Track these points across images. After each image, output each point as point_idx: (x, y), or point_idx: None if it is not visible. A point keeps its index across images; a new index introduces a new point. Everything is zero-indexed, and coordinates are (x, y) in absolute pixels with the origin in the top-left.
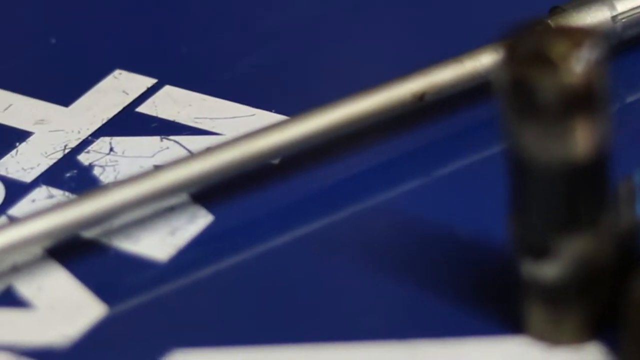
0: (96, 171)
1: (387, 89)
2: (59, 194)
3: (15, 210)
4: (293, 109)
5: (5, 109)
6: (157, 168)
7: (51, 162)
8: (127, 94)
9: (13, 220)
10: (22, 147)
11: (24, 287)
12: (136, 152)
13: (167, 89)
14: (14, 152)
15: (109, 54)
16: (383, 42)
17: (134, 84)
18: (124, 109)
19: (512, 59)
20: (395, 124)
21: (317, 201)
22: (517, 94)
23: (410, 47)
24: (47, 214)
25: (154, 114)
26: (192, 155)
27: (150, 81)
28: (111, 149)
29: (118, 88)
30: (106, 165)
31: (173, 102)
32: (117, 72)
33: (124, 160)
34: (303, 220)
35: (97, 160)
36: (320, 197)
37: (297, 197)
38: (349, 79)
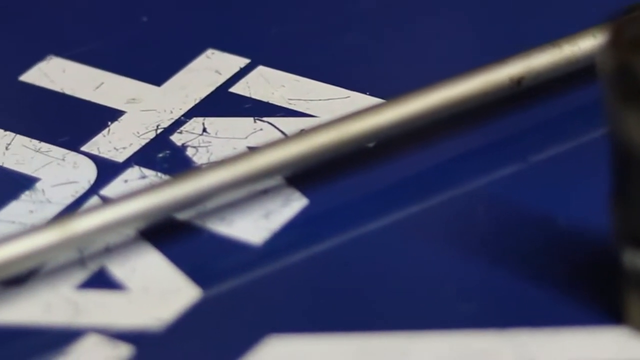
0: (189, 152)
1: (485, 73)
2: (151, 175)
3: (108, 190)
4: (388, 91)
5: (97, 87)
6: (251, 150)
7: (143, 142)
8: (220, 73)
9: (106, 201)
10: (114, 127)
11: (117, 269)
12: (229, 133)
13: (260, 69)
14: (105, 131)
15: (201, 33)
16: (481, 25)
17: (227, 63)
18: (217, 89)
19: (616, 44)
20: (492, 109)
21: (412, 185)
22: (621, 79)
23: (507, 31)
24: (140, 195)
25: (247, 94)
26: (286, 138)
27: (243, 61)
28: (204, 130)
29: (210, 68)
30: (199, 146)
31: (266, 83)
32: (209, 52)
33: (217, 141)
34: (398, 205)
35: (190, 140)
36: (416, 182)
37: (392, 181)
38: (445, 61)
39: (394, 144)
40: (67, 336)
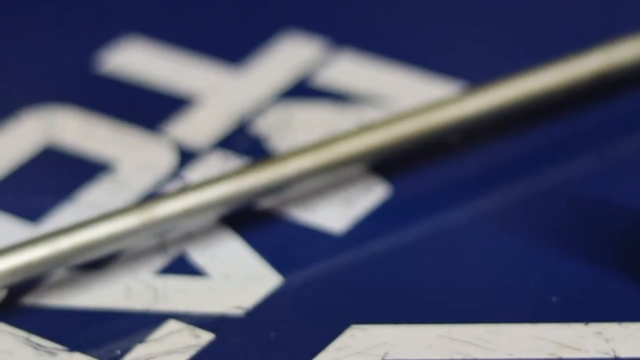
0: (272, 138)
1: (568, 66)
2: (232, 161)
3: (188, 176)
4: (475, 78)
5: (179, 71)
6: (335, 137)
7: (226, 128)
8: (304, 59)
9: (187, 187)
10: (197, 111)
11: (198, 255)
12: (311, 119)
13: (345, 55)
14: (188, 116)
15: (283, 17)
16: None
17: (310, 49)
18: (301, 75)
19: None
20: (574, 101)
21: (495, 176)
22: None
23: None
24: (222, 181)
25: (331, 81)
26: (370, 125)
27: (326, 47)
28: (287, 116)
29: (294, 53)
30: (282, 133)
31: (350, 69)
32: (293, 37)
33: (300, 128)
34: (481, 195)
35: (272, 127)
36: (500, 173)
37: (474, 171)
38: (536, 49)
39: (479, 134)
40: (147, 321)
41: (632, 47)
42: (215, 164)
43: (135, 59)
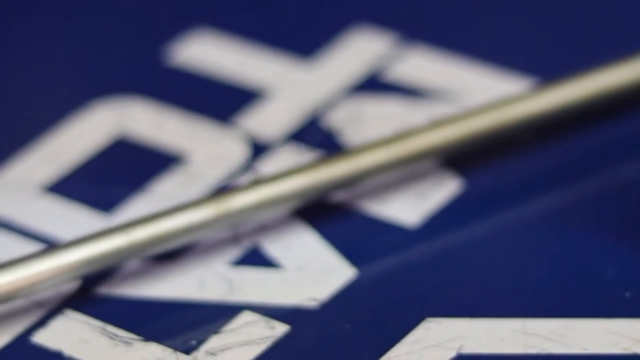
0: (344, 132)
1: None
2: (306, 154)
3: (261, 168)
4: (547, 74)
5: (251, 63)
6: (408, 131)
7: (298, 121)
8: (375, 53)
9: (262, 179)
10: (268, 104)
11: (272, 247)
12: (384, 114)
13: (416, 49)
14: (259, 108)
15: (355, 11)
16: None
17: (382, 43)
18: (372, 69)
19: None
20: None
21: (569, 172)
22: None
23: None
24: (297, 174)
25: (402, 75)
26: (444, 120)
27: (397, 41)
28: (359, 110)
29: (366, 47)
30: (354, 127)
31: (422, 64)
32: (365, 32)
33: (371, 122)
34: (555, 190)
35: (345, 120)
36: (572, 168)
37: (549, 166)
38: (610, 45)
39: (550, 130)
40: (221, 312)
41: None
42: (287, 157)
43: (207, 52)
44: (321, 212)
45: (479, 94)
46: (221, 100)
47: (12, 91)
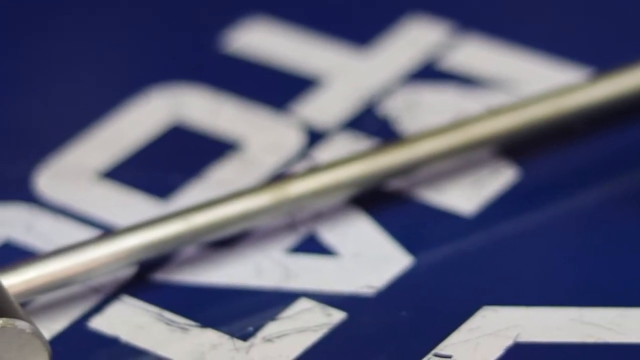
0: (399, 120)
1: None
2: (362, 142)
3: (318, 156)
4: (603, 64)
5: (306, 51)
6: (465, 120)
7: (354, 109)
8: (430, 42)
9: (319, 167)
10: (324, 92)
11: (328, 234)
12: (440, 102)
13: (472, 38)
14: (315, 96)
15: (411, 0)
16: None
17: (437, 32)
18: (427, 58)
19: None
20: None
21: (624, 162)
22: None
23: None
24: (354, 161)
25: (457, 64)
26: (500, 109)
27: (453, 30)
28: (414, 98)
29: (421, 36)
30: (410, 115)
31: (477, 53)
32: (420, 20)
33: (427, 111)
34: (611, 179)
35: (400, 109)
36: (628, 158)
37: (605, 156)
38: None
39: (605, 120)
40: (278, 299)
41: None
42: (343, 144)
43: (263, 39)
44: (377, 200)
45: (535, 84)
46: (277, 88)
47: (70, 78)
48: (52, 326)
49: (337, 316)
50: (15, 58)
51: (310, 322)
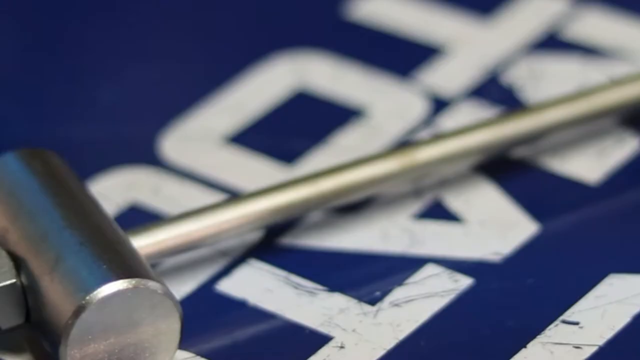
0: (523, 89)
1: None
2: (486, 110)
3: (443, 124)
4: None
5: (429, 20)
6: (590, 89)
7: (478, 77)
8: (553, 12)
9: (446, 134)
10: (448, 60)
11: (453, 201)
12: (563, 72)
13: (593, 8)
14: (439, 64)
15: None
16: None
17: (559, 2)
18: (550, 27)
19: None
20: None
21: None
22: None
23: None
24: (481, 128)
25: (580, 34)
26: (625, 78)
27: (572, 3)
28: (538, 68)
29: (544, 6)
30: (533, 84)
31: (599, 23)
32: None
33: (550, 80)
34: None
35: (524, 78)
36: None
37: None
38: None
39: None
40: (404, 265)
41: None
42: (468, 112)
43: (388, 7)
44: (503, 167)
45: None
46: (401, 56)
47: (197, 43)
48: (181, 288)
49: (465, 282)
50: (145, 22)
51: (437, 288)
